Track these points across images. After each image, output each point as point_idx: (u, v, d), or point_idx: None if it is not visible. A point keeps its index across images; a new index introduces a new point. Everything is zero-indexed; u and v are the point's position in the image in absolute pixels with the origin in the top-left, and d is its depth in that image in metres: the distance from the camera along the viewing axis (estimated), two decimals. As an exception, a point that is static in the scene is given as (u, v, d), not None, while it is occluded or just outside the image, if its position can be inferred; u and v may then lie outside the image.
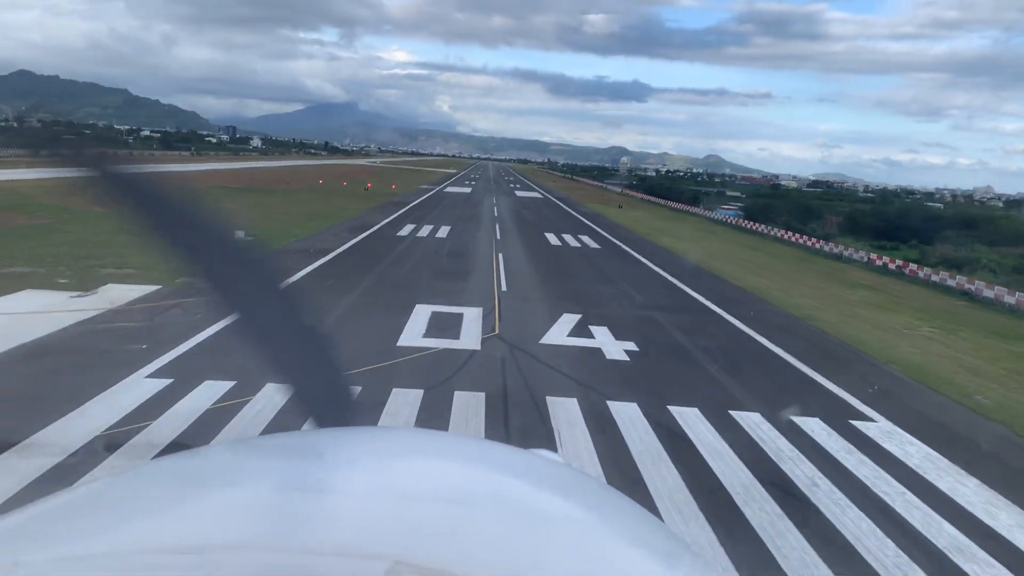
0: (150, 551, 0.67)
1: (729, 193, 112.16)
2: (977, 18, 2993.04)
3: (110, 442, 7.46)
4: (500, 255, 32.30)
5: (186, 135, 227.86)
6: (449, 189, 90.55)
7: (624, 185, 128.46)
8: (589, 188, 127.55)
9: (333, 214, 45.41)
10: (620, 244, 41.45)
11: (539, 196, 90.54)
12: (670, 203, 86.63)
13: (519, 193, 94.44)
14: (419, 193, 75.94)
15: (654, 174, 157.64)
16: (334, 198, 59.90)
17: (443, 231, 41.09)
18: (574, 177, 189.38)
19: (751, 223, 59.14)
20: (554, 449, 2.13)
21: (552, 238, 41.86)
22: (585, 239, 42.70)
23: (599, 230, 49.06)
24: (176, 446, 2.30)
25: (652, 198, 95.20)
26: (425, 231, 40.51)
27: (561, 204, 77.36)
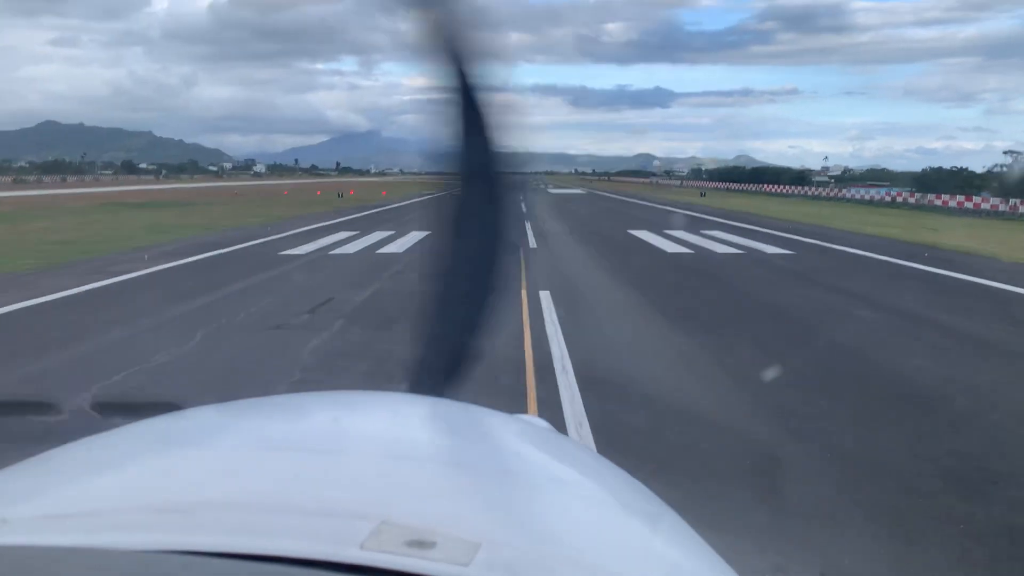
0: (135, 509, 0.68)
1: (817, 179, 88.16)
2: None
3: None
4: (547, 297, 9.06)
5: (184, 166, 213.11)
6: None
7: (682, 178, 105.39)
8: (637, 184, 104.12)
9: (213, 226, 23.02)
10: (831, 246, 17.89)
11: (581, 192, 67.39)
12: (764, 187, 63.21)
13: (553, 191, 71.43)
14: (414, 197, 53.38)
15: (693, 172, 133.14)
16: (274, 206, 37.95)
17: (404, 241, 17.93)
18: (611, 178, 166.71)
19: (947, 200, 34.93)
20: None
21: (653, 238, 18.55)
22: (734, 239, 19.23)
23: (733, 223, 25.51)
24: (164, 406, 1.05)
25: (732, 185, 71.80)
26: (365, 242, 17.56)
27: (618, 197, 54.01)
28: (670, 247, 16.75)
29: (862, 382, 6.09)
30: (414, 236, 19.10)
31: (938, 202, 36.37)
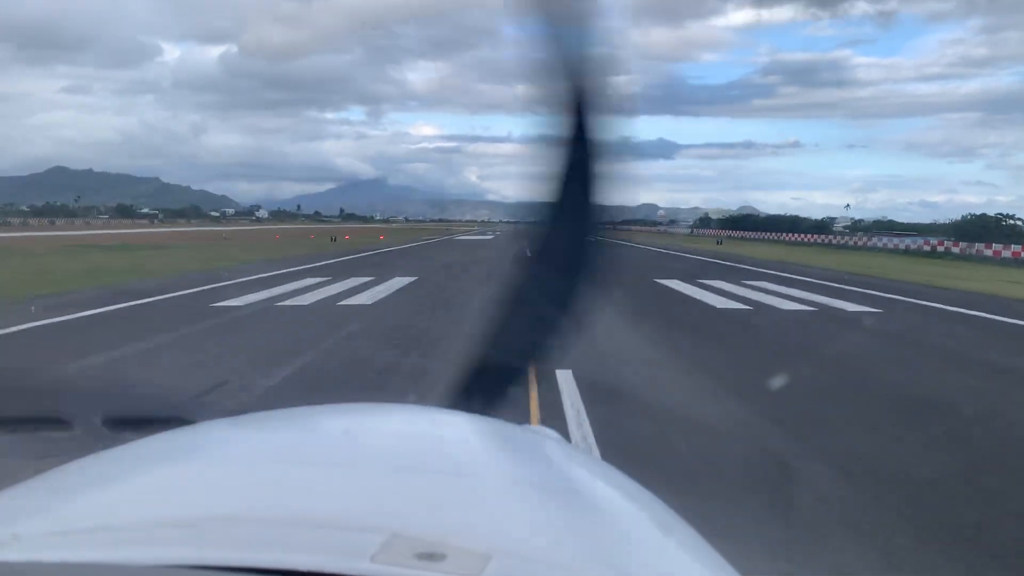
0: (146, 524, 0.68)
1: (841, 228, 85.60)
2: (1008, 54, 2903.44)
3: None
4: (570, 383, 5.41)
5: (184, 210, 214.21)
6: (462, 237, 64.76)
7: (691, 227, 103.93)
8: (645, 232, 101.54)
9: (169, 270, 19.82)
10: (921, 303, 14.40)
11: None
12: (783, 236, 60.39)
13: (560, 238, 68.38)
14: (412, 242, 50.49)
15: (702, 220, 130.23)
16: (256, 250, 34.95)
17: (380, 290, 14.42)
18: (616, 226, 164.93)
19: (999, 251, 31.57)
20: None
21: (689, 290, 15.01)
22: (791, 291, 15.70)
23: (774, 272, 22.09)
24: (175, 421, 1.06)
25: (745, 233, 69.26)
26: (331, 291, 14.07)
27: (632, 244, 50.76)
28: (717, 301, 13.14)
29: None
30: (395, 283, 15.56)
31: (988, 252, 32.84)
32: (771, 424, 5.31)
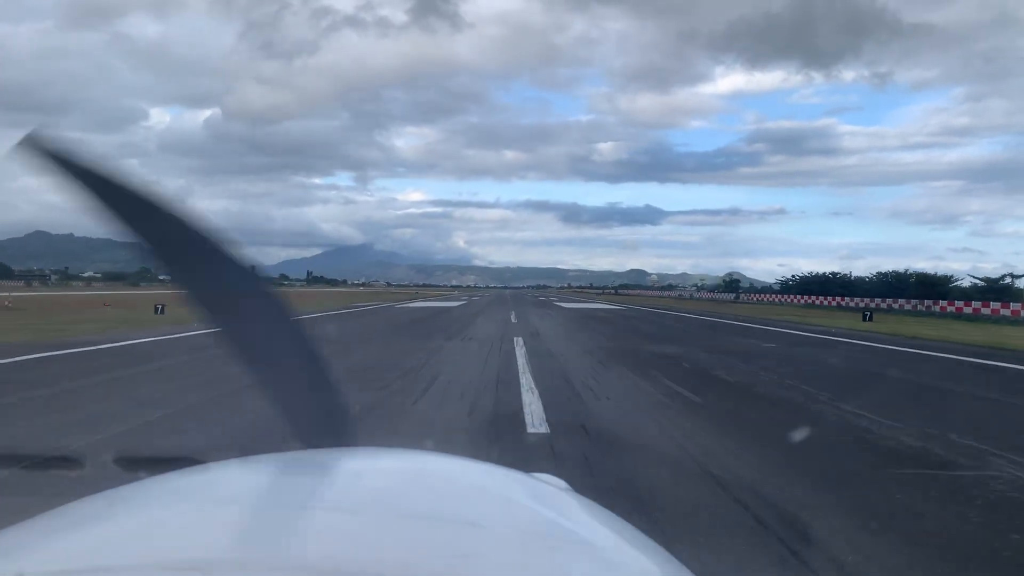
0: (151, 566, 0.69)
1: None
2: (989, 124, 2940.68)
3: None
4: None
5: (120, 273, 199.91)
6: (416, 304, 44.96)
7: (705, 289, 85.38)
8: (655, 297, 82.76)
9: None
10: None
11: (610, 307, 44.89)
12: (938, 306, 41.76)
13: (563, 304, 48.81)
14: (331, 309, 30.67)
15: (728, 283, 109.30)
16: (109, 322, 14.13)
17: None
18: (617, 291, 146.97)
19: None
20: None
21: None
22: None
23: None
24: (183, 461, 1.13)
25: (835, 300, 50.67)
26: None
27: (680, 313, 30.84)
28: None
29: None
30: None
31: None
32: None
